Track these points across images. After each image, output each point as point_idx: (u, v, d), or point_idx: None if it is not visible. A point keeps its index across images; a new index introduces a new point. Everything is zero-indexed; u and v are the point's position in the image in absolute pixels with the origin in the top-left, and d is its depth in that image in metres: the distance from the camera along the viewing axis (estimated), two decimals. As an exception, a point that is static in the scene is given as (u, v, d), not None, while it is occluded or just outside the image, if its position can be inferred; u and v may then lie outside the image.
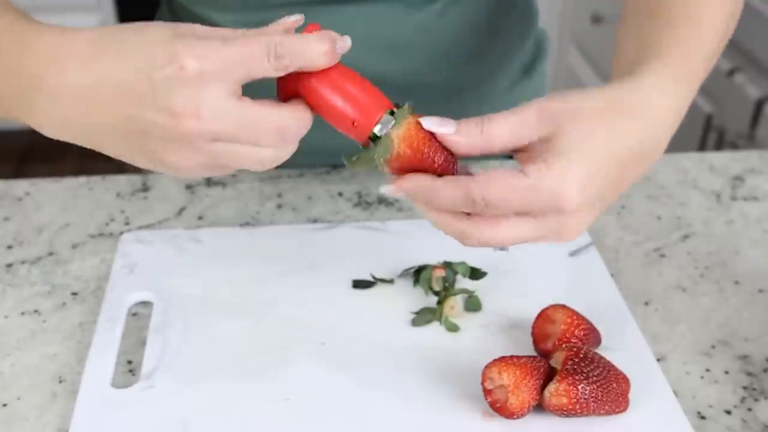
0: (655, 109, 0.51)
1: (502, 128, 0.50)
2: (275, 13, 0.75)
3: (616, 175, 0.50)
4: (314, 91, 0.50)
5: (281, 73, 0.49)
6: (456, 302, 0.66)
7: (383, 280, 0.69)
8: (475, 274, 0.69)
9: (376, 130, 0.51)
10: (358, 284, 0.69)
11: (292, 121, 0.49)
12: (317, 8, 0.75)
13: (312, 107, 0.51)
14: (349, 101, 0.51)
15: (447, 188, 0.50)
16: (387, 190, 0.52)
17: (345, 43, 0.51)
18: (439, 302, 0.66)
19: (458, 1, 0.78)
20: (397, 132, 0.50)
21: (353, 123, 0.51)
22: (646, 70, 0.51)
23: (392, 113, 0.51)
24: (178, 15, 0.83)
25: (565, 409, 0.55)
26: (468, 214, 0.50)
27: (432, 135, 0.51)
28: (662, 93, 0.51)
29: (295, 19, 0.51)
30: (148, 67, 0.46)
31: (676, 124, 0.52)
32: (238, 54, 0.47)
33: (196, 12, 0.79)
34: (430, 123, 0.50)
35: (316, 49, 0.49)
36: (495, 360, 0.56)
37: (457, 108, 0.85)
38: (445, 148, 0.51)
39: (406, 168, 0.52)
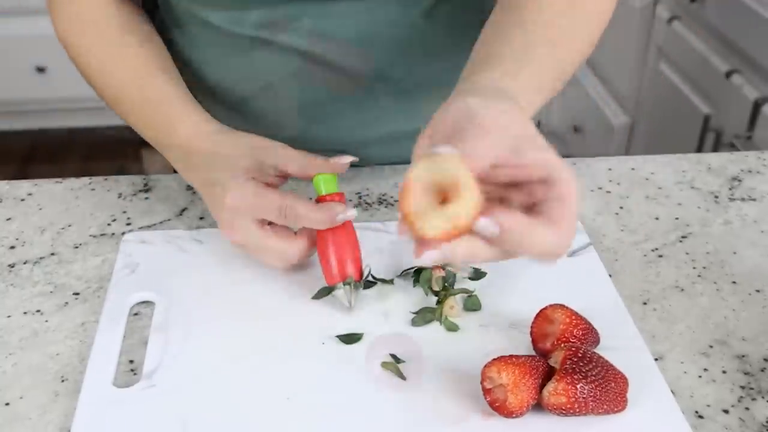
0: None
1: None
2: (268, 12, 0.76)
3: None
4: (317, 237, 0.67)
5: (290, 224, 0.66)
6: (456, 302, 0.66)
7: (383, 280, 0.70)
8: (475, 274, 0.69)
9: (337, 287, 0.66)
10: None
11: (288, 251, 0.66)
12: (310, 4, 0.75)
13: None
14: (332, 256, 0.66)
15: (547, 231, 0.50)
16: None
17: (346, 214, 0.65)
18: (439, 302, 0.66)
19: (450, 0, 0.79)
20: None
21: (329, 272, 0.66)
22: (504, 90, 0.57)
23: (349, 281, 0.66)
24: (171, 10, 0.83)
25: (563, 408, 0.56)
26: None
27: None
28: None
29: (345, 162, 0.69)
30: (211, 180, 0.68)
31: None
32: (260, 205, 0.65)
33: (190, 9, 0.79)
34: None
35: (315, 218, 0.65)
36: (494, 359, 0.57)
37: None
38: None
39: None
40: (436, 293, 0.67)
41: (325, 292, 0.67)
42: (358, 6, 0.76)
